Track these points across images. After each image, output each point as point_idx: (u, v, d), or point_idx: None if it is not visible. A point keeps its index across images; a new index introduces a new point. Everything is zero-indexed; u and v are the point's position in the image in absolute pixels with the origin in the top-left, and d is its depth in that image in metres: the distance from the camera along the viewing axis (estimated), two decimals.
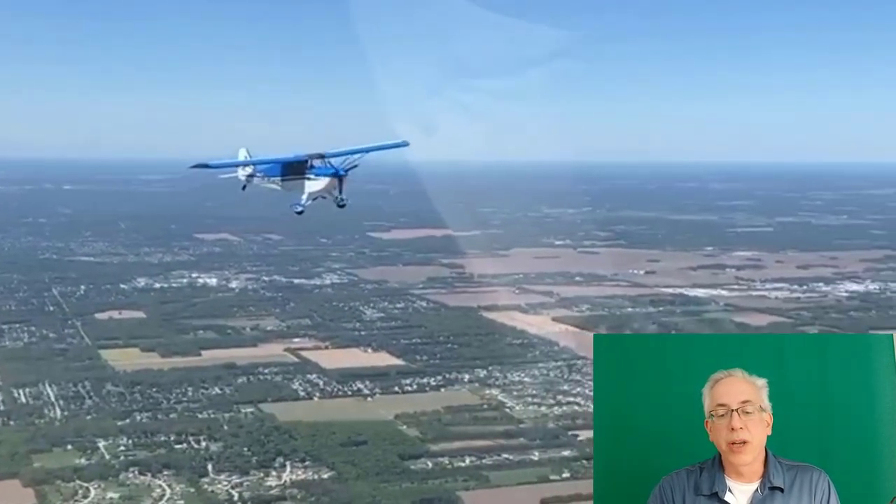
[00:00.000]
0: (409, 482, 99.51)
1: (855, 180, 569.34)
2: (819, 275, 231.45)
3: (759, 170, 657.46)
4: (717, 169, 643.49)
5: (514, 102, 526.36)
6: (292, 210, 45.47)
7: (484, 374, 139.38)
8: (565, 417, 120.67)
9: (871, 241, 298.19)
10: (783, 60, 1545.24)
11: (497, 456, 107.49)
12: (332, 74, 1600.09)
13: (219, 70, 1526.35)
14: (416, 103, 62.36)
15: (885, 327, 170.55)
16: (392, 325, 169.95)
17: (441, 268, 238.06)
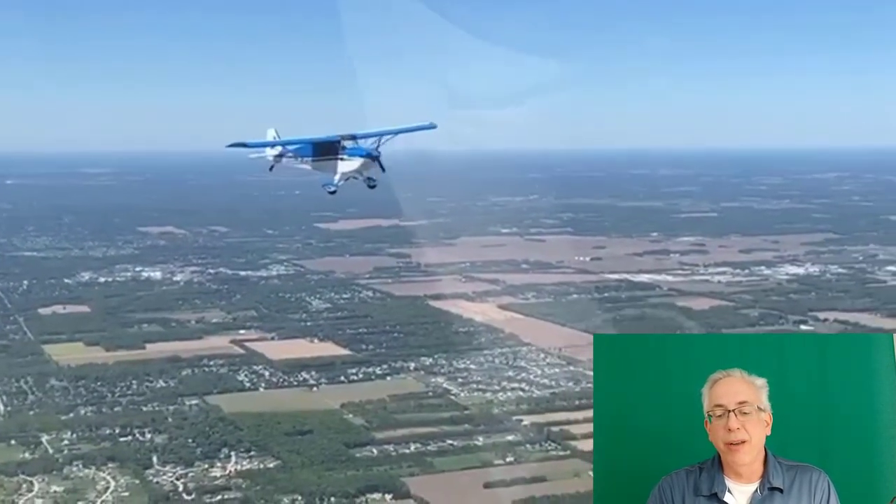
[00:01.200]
0: (355, 470, 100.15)
1: (800, 165, 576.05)
2: (761, 258, 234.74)
3: (707, 156, 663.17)
4: (665, 155, 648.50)
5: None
6: (325, 189, 45.75)
7: (430, 363, 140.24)
8: (510, 403, 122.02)
9: (813, 224, 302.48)
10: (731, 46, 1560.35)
11: (442, 442, 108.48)
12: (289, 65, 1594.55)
13: (165, 62, 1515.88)
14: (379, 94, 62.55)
15: (824, 309, 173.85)
16: (338, 316, 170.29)
17: (388, 258, 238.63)
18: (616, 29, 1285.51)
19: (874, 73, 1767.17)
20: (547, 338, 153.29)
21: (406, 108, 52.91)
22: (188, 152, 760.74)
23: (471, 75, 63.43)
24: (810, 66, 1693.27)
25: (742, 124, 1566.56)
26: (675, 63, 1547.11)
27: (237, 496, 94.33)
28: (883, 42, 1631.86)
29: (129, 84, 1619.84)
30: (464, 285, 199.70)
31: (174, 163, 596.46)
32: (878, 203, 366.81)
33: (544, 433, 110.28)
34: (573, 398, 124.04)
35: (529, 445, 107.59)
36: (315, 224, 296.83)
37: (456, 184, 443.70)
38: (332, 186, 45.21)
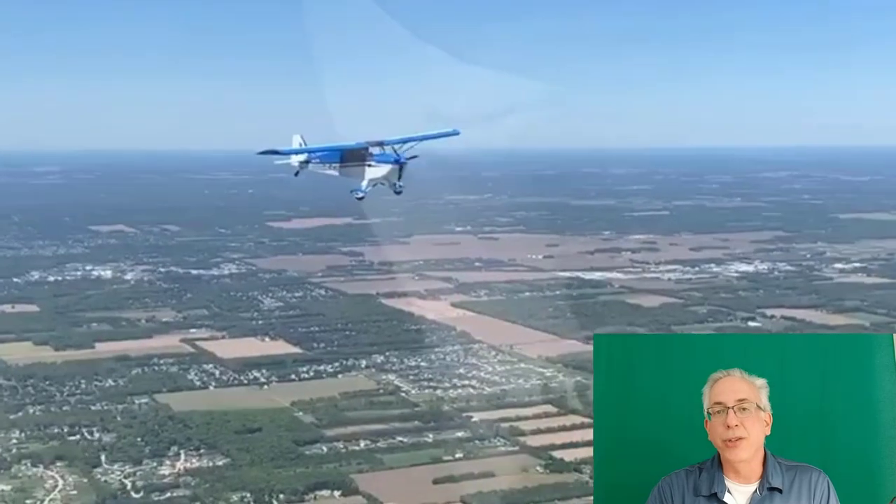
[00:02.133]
0: (304, 467, 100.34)
1: (752, 164, 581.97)
2: (711, 256, 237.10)
3: (660, 155, 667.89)
4: (619, 154, 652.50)
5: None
6: (353, 196, 45.87)
7: (381, 360, 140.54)
8: (460, 400, 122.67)
9: (763, 222, 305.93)
10: (685, 48, 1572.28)
11: (392, 439, 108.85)
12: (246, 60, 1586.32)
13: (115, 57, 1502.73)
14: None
15: (771, 306, 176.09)
16: (290, 314, 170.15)
17: (341, 256, 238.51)
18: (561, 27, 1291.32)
19: (826, 71, 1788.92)
20: (498, 335, 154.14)
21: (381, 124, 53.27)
22: (139, 150, 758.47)
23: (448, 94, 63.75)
24: (761, 65, 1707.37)
25: (695, 123, 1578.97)
26: (626, 61, 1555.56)
27: (185, 494, 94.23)
28: (836, 41, 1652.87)
29: (77, 81, 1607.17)
30: (416, 283, 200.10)
31: (125, 161, 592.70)
32: (828, 201, 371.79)
33: (494, 429, 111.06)
34: (523, 395, 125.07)
35: (479, 441, 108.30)
36: (268, 223, 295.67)
37: (411, 182, 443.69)
38: (360, 192, 45.55)
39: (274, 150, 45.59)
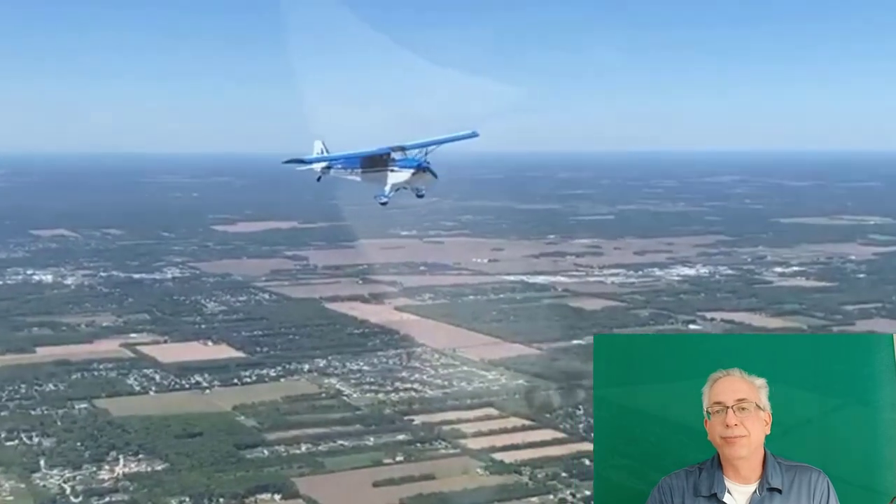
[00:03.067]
0: (244, 471, 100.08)
1: (696, 169, 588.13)
2: (654, 260, 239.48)
3: (606, 159, 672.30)
4: (564, 159, 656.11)
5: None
6: (377, 201, 45.90)
7: (323, 364, 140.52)
8: (402, 403, 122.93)
9: (706, 227, 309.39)
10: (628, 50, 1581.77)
11: (333, 442, 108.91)
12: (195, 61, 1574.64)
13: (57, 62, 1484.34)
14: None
15: (712, 309, 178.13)
16: (233, 318, 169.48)
17: (285, 260, 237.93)
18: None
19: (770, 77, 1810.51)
20: (442, 339, 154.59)
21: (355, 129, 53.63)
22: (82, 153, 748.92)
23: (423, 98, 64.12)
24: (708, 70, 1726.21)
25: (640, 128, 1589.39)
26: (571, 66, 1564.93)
27: (124, 498, 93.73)
28: (783, 48, 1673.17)
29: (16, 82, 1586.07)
30: (360, 287, 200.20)
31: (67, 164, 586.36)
32: (769, 206, 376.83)
33: (435, 432, 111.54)
34: (465, 397, 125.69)
35: (420, 444, 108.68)
36: (212, 226, 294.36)
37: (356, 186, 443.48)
38: (383, 198, 45.77)
39: (299, 158, 46.03)
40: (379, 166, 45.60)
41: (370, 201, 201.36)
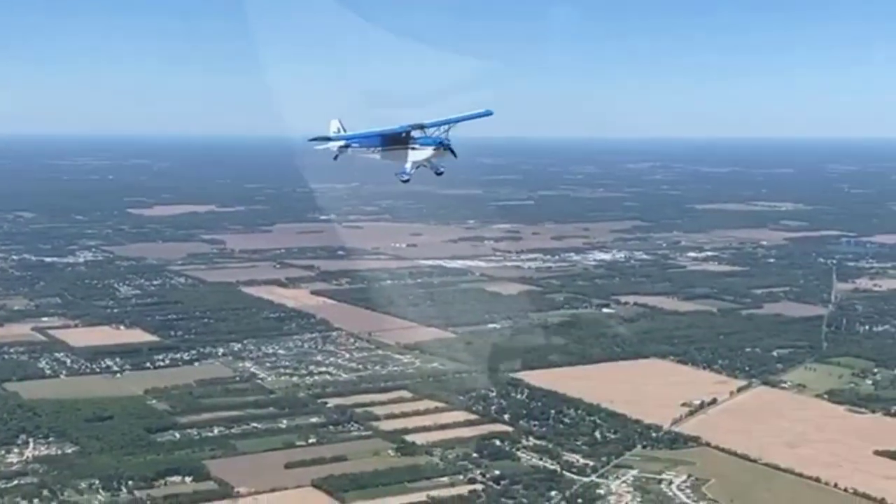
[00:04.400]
0: (155, 454, 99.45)
1: (617, 155, 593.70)
2: (571, 245, 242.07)
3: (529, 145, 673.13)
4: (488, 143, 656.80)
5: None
6: (398, 178, 45.66)
7: (238, 348, 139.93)
8: (316, 386, 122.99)
9: (623, 212, 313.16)
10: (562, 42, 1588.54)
11: (246, 425, 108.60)
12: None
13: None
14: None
15: (626, 293, 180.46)
16: (147, 302, 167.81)
17: (202, 244, 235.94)
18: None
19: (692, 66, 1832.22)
20: (358, 323, 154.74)
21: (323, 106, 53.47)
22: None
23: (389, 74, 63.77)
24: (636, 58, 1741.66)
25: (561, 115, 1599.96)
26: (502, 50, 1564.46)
27: (34, 481, 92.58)
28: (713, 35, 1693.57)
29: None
30: (278, 271, 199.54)
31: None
32: (686, 192, 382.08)
33: (348, 415, 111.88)
34: (379, 380, 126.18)
35: (333, 427, 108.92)
36: (128, 210, 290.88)
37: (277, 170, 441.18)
38: (405, 175, 45.52)
39: (325, 136, 45.94)
40: (399, 144, 45.82)
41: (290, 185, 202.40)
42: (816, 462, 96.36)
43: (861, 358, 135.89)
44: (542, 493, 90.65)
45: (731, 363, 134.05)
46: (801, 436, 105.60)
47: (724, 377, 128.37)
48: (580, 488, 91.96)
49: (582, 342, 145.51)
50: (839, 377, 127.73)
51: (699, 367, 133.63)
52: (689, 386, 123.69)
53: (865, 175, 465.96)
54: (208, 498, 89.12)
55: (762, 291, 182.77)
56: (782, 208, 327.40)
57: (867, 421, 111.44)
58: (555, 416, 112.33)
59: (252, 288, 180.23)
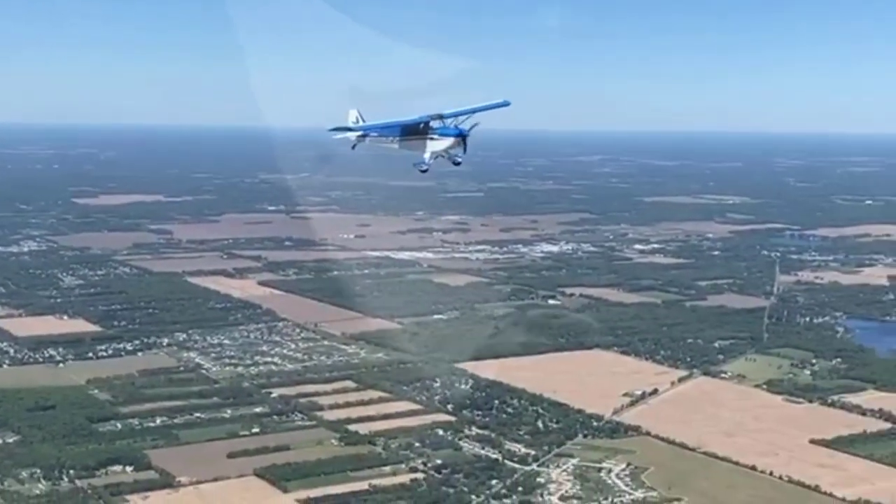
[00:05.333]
0: (97, 443, 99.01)
1: (567, 147, 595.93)
2: (519, 237, 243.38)
3: (479, 136, 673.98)
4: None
5: None
6: (417, 168, 45.51)
7: (183, 338, 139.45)
8: (261, 376, 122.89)
9: (572, 205, 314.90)
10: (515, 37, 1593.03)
11: (189, 415, 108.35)
12: None
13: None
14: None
15: (572, 284, 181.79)
16: (91, 292, 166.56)
17: (148, 234, 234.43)
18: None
19: (641, 61, 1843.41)
20: (304, 313, 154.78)
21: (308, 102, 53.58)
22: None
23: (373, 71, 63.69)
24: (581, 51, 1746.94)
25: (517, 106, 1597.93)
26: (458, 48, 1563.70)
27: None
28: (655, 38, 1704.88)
29: None
30: (224, 262, 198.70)
31: None
32: (634, 185, 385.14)
33: (292, 405, 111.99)
34: (324, 371, 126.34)
35: (277, 416, 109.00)
36: (74, 199, 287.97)
37: (226, 161, 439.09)
38: (424, 165, 45.42)
39: (345, 126, 45.91)
40: (418, 135, 45.91)
41: (239, 176, 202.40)
42: (753, 451, 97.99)
43: (800, 349, 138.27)
44: (483, 481, 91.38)
45: (673, 354, 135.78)
46: (739, 425, 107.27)
47: (666, 368, 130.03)
48: (521, 477, 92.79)
49: (527, 333, 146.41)
50: (778, 368, 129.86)
51: (642, 358, 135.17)
52: (632, 376, 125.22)
53: (812, 169, 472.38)
54: (149, 487, 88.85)
55: (706, 283, 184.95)
56: (729, 201, 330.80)
57: (804, 410, 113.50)
58: (498, 406, 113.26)
59: (198, 278, 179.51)
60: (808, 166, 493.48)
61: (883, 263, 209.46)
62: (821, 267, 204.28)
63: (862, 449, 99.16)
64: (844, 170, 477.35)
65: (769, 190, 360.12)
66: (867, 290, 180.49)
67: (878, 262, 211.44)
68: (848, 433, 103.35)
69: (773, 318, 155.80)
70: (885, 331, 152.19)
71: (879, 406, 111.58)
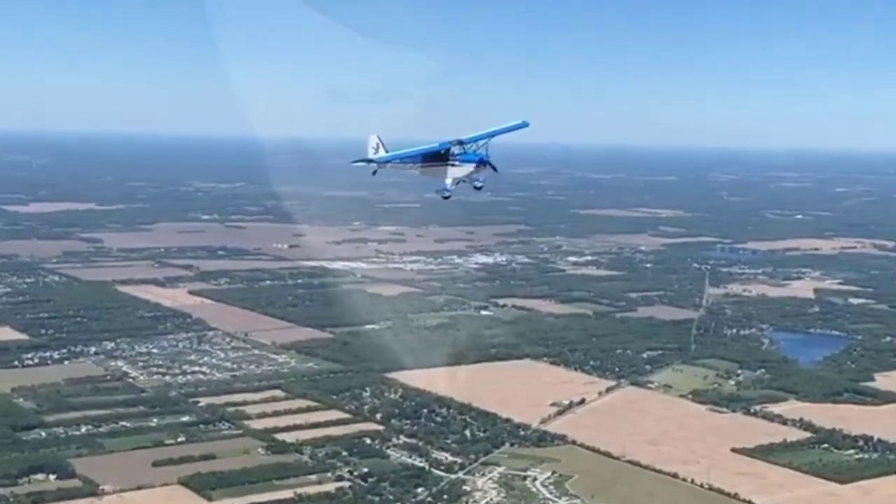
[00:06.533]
0: (20, 452, 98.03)
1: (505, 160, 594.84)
2: (454, 248, 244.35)
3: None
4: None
5: None
6: (439, 195, 45.35)
7: (111, 347, 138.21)
8: (189, 385, 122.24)
9: (508, 216, 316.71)
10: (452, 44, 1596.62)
11: (115, 424, 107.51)
12: None
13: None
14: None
15: (505, 295, 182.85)
16: (19, 300, 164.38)
17: (79, 242, 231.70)
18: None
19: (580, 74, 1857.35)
20: (235, 322, 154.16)
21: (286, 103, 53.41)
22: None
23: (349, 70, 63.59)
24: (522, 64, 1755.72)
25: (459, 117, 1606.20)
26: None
27: None
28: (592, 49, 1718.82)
29: None
30: (156, 270, 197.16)
31: None
32: (570, 197, 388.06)
33: (219, 413, 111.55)
34: (253, 380, 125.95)
35: (203, 425, 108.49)
36: (3, 206, 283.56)
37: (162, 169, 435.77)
38: (446, 192, 45.31)
39: (369, 158, 45.98)
40: (439, 161, 46.02)
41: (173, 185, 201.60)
42: (675, 459, 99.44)
43: (726, 360, 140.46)
44: (409, 489, 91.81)
45: (602, 364, 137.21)
46: (663, 434, 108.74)
47: (595, 378, 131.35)
48: (447, 485, 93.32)
49: (458, 343, 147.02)
50: (704, 378, 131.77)
51: (571, 368, 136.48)
52: (560, 386, 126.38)
53: (746, 184, 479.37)
54: (73, 496, 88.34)
55: (637, 295, 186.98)
56: (663, 215, 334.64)
57: (727, 420, 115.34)
58: (427, 415, 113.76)
59: (128, 287, 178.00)
60: (743, 181, 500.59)
61: (810, 276, 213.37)
62: (749, 280, 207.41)
63: (781, 457, 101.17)
64: (777, 185, 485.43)
65: (703, 204, 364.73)
66: (793, 302, 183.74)
67: (805, 275, 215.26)
68: (768, 442, 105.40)
69: (700, 330, 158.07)
70: (809, 342, 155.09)
71: (800, 415, 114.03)
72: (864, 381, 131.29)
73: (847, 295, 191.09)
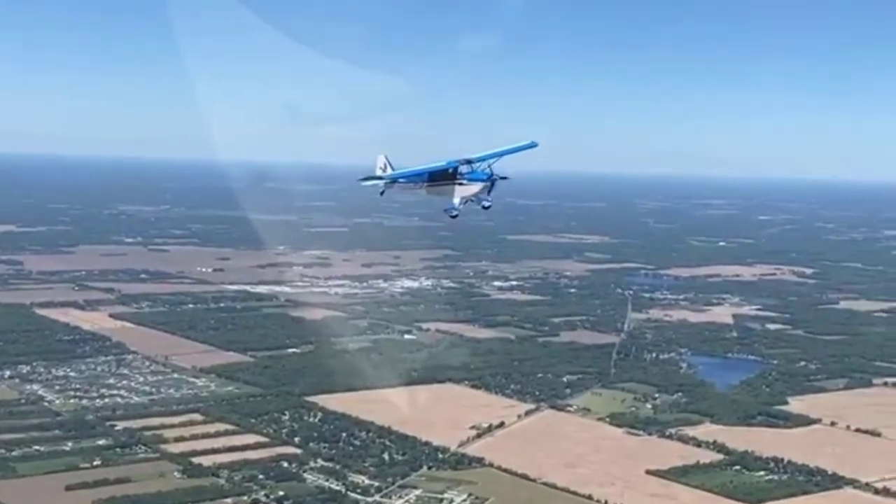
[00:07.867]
0: None
1: None
2: (380, 272, 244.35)
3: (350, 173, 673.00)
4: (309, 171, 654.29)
5: None
6: (447, 214, 44.89)
7: (27, 370, 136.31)
8: (106, 409, 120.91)
9: (436, 241, 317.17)
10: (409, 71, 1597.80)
11: (28, 448, 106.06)
12: None
13: None
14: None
15: (429, 319, 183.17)
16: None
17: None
18: None
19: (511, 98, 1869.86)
20: (155, 346, 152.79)
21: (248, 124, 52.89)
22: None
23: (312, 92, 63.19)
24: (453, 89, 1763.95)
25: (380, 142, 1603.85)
26: None
27: None
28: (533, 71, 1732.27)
29: None
30: (76, 293, 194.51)
31: None
32: (498, 223, 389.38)
33: (136, 437, 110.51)
34: (172, 403, 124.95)
35: (119, 449, 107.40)
36: None
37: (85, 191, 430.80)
38: (454, 211, 45.02)
39: (377, 176, 45.76)
40: (446, 180, 46.08)
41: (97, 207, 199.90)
42: (591, 481, 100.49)
43: (645, 383, 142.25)
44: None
45: (522, 388, 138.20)
46: (580, 457, 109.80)
47: (515, 401, 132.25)
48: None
49: (379, 367, 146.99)
50: (622, 401, 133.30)
51: (492, 392, 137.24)
52: (480, 409, 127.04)
53: (672, 211, 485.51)
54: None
55: (560, 320, 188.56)
56: (589, 241, 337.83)
57: (643, 442, 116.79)
58: (346, 438, 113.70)
59: (47, 310, 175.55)
60: (669, 208, 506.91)
61: (730, 302, 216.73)
62: (671, 305, 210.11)
63: (695, 479, 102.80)
64: (703, 212, 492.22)
65: (629, 230, 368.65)
66: (713, 327, 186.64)
67: (725, 301, 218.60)
68: (682, 464, 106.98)
69: (621, 354, 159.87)
70: (727, 366, 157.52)
71: (714, 438, 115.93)
72: (778, 405, 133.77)
73: (765, 321, 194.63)
